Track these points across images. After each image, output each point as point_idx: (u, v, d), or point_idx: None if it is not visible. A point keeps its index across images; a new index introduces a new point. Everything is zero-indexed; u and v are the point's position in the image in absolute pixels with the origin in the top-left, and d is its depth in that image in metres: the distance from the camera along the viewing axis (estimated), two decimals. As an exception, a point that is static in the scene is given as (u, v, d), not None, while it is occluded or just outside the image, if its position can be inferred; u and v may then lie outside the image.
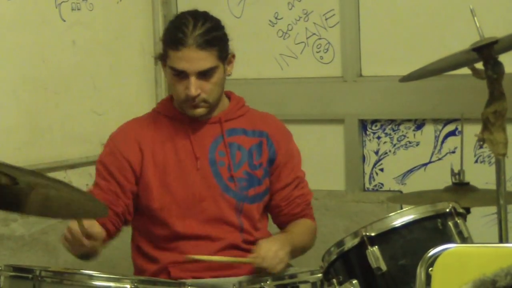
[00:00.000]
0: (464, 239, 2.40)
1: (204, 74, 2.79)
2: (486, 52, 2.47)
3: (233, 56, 2.90)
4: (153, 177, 2.84)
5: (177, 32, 2.79)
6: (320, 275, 2.47)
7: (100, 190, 2.85)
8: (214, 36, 2.80)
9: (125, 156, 2.86)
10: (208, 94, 2.81)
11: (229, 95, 2.98)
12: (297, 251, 2.88)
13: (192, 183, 2.85)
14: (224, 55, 2.84)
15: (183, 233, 2.84)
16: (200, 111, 2.84)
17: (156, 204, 2.84)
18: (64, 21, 3.78)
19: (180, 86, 2.81)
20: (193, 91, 2.78)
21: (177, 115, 2.90)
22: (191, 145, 2.87)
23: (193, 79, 2.78)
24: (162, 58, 2.87)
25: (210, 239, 2.85)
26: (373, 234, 2.36)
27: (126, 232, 3.00)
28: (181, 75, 2.80)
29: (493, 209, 2.76)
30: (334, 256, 2.39)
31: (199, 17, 2.81)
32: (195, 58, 2.76)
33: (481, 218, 3.53)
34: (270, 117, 3.04)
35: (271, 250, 2.70)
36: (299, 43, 4.02)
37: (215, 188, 2.86)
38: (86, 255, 2.71)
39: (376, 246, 2.34)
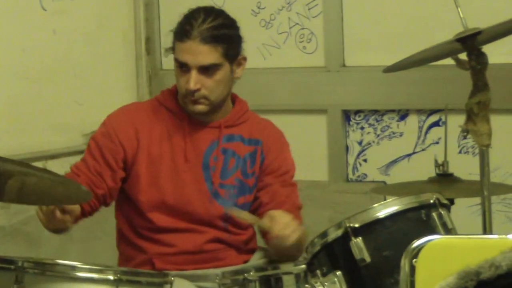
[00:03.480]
0: (448, 231, 2.40)
1: (207, 70, 2.75)
2: (469, 42, 2.46)
3: (244, 58, 2.86)
4: (145, 170, 2.80)
5: (186, 24, 2.77)
6: (303, 266, 2.47)
7: (87, 168, 2.80)
8: (222, 33, 2.76)
9: (120, 139, 2.81)
10: (209, 91, 2.77)
11: (234, 99, 2.93)
12: (294, 248, 2.68)
13: (182, 184, 2.80)
14: (232, 55, 2.80)
15: (166, 227, 2.80)
16: (201, 108, 2.79)
17: (143, 197, 2.80)
18: (45, 10, 3.75)
19: (182, 79, 2.78)
20: (192, 84, 2.74)
21: (178, 111, 2.85)
22: (185, 146, 2.82)
23: (194, 73, 2.74)
24: (173, 51, 2.82)
25: (196, 232, 2.82)
26: (356, 225, 2.35)
27: (109, 223, 2.97)
28: (184, 68, 2.76)
29: (477, 200, 2.76)
30: (317, 247, 2.39)
31: (211, 12, 2.79)
32: (197, 52, 2.73)
33: (465, 209, 3.53)
34: (268, 125, 2.97)
35: (285, 217, 2.62)
36: (282, 33, 4.01)
37: (205, 193, 2.81)
38: (57, 229, 2.67)
39: (360, 237, 2.33)
